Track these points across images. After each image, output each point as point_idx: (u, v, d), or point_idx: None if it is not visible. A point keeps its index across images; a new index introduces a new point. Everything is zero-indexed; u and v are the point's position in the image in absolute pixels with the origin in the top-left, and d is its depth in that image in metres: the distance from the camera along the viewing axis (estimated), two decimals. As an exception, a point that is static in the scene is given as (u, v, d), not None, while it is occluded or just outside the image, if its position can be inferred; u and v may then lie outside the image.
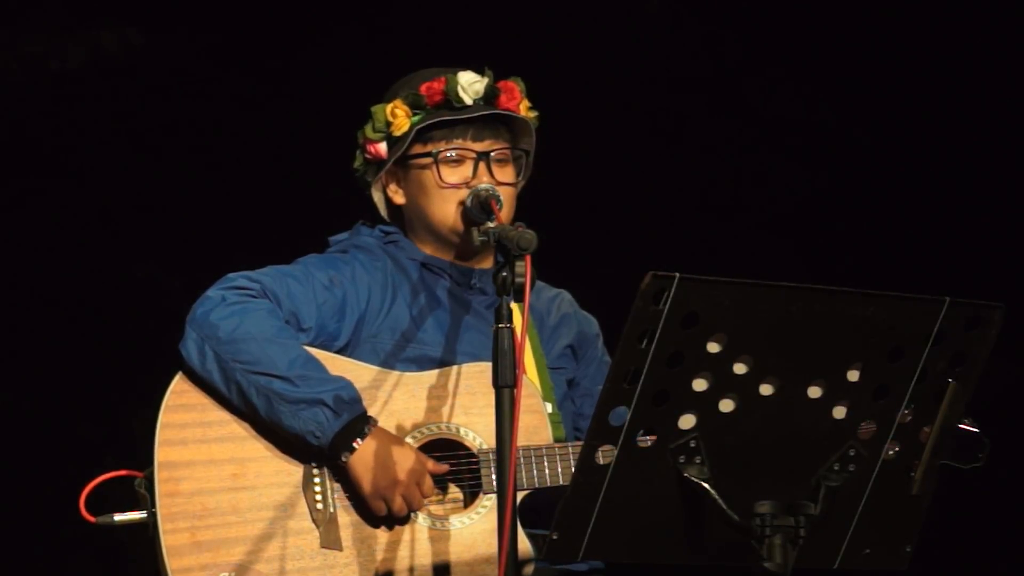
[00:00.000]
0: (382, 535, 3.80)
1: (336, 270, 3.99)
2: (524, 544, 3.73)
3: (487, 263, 4.05)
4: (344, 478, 3.81)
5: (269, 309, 3.85)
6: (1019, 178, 5.64)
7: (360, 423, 3.77)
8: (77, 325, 5.43)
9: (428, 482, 3.80)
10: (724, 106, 5.83)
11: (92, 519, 3.81)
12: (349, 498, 3.82)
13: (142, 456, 3.82)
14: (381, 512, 3.79)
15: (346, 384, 3.80)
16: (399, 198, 4.08)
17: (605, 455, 3.08)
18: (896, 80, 5.70)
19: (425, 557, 3.81)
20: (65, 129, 5.49)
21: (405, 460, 3.78)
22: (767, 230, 5.81)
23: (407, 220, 4.10)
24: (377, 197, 4.11)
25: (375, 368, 3.90)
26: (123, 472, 3.84)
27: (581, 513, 3.10)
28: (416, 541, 3.81)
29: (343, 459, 3.76)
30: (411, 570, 3.80)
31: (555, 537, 3.10)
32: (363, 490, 3.77)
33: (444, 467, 3.84)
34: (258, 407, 3.78)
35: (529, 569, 3.83)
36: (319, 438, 3.75)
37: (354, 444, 3.76)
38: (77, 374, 5.40)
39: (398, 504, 3.78)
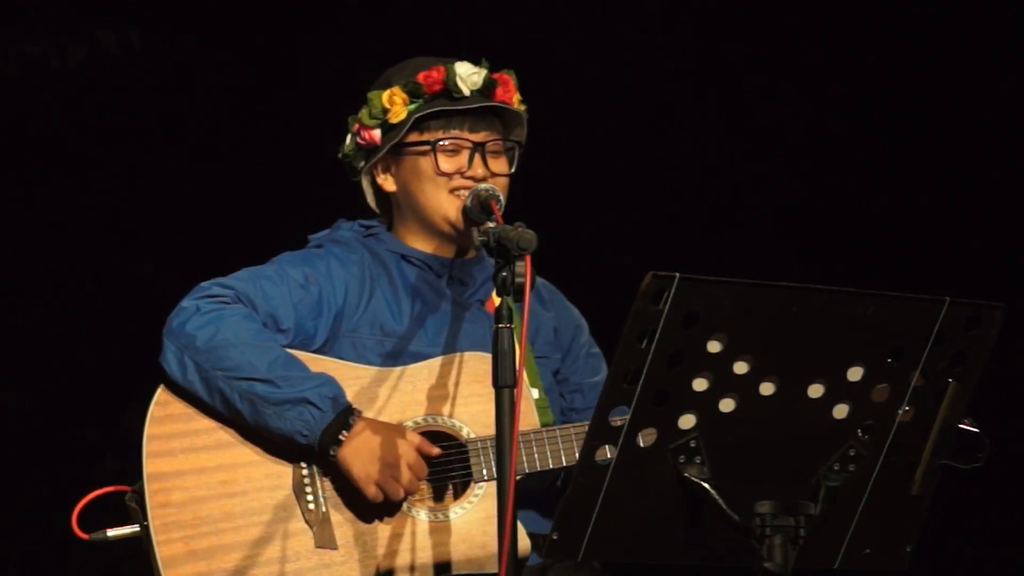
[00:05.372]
0: (376, 530, 3.80)
1: (311, 266, 3.98)
2: (523, 542, 3.72)
3: (469, 254, 4.06)
4: (335, 475, 3.81)
5: (244, 314, 3.85)
6: (1019, 178, 5.64)
7: (345, 415, 3.77)
8: (77, 325, 5.43)
9: (421, 461, 3.80)
10: (725, 105, 5.83)
11: (85, 536, 3.80)
12: (341, 496, 3.82)
13: (133, 468, 3.82)
14: (378, 499, 3.78)
15: (328, 379, 3.80)
16: (389, 185, 4.07)
17: (605, 455, 3.09)
18: (896, 80, 5.70)
19: (420, 549, 3.80)
20: (65, 129, 5.49)
21: (395, 443, 3.77)
22: (767, 230, 5.81)
23: (396, 208, 4.09)
24: (365, 184, 4.11)
25: (356, 365, 3.89)
26: (111, 488, 3.83)
27: (581, 513, 3.10)
28: (410, 534, 3.80)
29: (332, 453, 3.76)
30: (408, 563, 3.79)
31: (555, 537, 3.10)
32: (356, 480, 3.77)
33: (436, 450, 3.83)
34: (243, 412, 3.77)
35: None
36: (307, 436, 3.75)
37: (340, 437, 3.76)
38: (77, 374, 5.39)
39: (392, 488, 3.77)
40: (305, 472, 3.81)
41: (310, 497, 3.80)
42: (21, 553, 5.38)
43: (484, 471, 3.83)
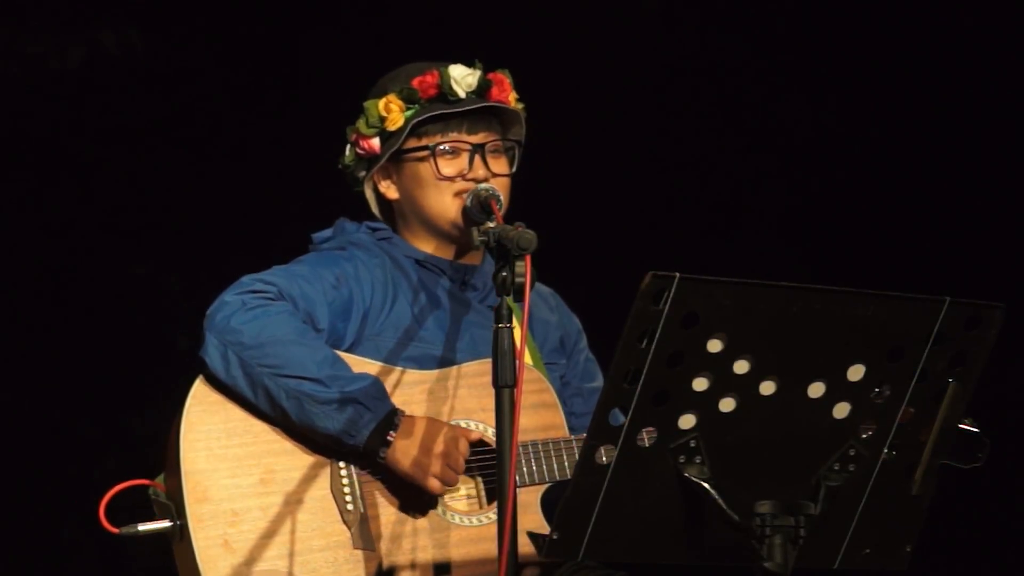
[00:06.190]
0: (414, 532, 3.79)
1: (340, 268, 3.97)
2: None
3: (478, 259, 4.06)
4: (378, 474, 3.80)
5: (290, 311, 3.82)
6: (1019, 178, 5.64)
7: (391, 416, 3.76)
8: (77, 325, 5.43)
9: (464, 444, 3.79)
10: (725, 105, 5.83)
11: (115, 530, 3.74)
12: (379, 496, 3.80)
13: (145, 458, 3.80)
14: (436, 490, 3.77)
15: (374, 380, 3.79)
16: (392, 193, 4.07)
17: (605, 455, 3.08)
18: (896, 80, 5.71)
19: (457, 553, 3.80)
20: (65, 129, 5.49)
21: (438, 431, 3.77)
22: (767, 230, 5.81)
23: (400, 215, 4.09)
24: (369, 193, 4.10)
25: (391, 367, 3.89)
26: (143, 481, 3.80)
27: (581, 513, 3.10)
28: (448, 537, 3.80)
29: (381, 455, 3.75)
30: (445, 566, 3.78)
31: (555, 537, 3.10)
32: (409, 476, 3.76)
33: (472, 434, 3.83)
34: (288, 410, 3.75)
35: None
36: (354, 437, 3.74)
37: (388, 438, 3.75)
38: (77, 374, 5.40)
39: (449, 475, 3.76)
40: (343, 472, 3.80)
41: (348, 497, 3.78)
42: (20, 553, 5.39)
43: (518, 478, 3.82)
